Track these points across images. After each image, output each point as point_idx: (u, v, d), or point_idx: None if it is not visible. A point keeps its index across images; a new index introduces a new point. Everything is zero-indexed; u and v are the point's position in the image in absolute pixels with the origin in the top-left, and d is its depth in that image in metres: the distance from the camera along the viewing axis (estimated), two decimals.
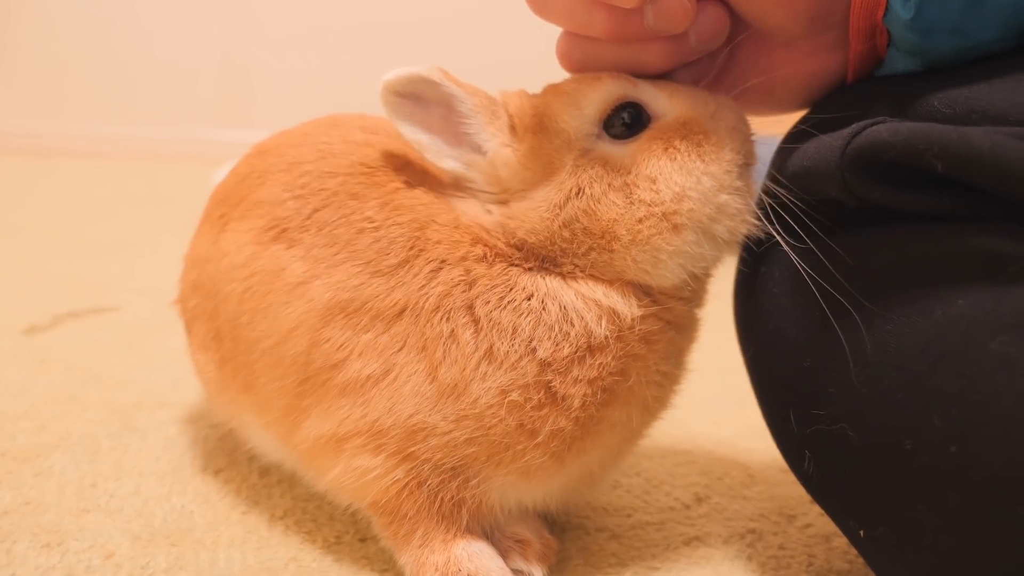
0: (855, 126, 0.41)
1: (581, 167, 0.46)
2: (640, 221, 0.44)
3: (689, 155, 0.45)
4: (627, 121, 0.46)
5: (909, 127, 0.39)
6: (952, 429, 0.35)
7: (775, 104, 0.52)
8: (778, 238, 0.45)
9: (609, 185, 0.45)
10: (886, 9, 0.43)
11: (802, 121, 0.50)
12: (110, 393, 0.78)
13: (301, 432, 0.48)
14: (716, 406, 0.83)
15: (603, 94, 0.46)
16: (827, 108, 0.49)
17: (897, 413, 0.38)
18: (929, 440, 0.36)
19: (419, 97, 0.47)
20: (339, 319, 0.46)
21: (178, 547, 0.52)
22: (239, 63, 2.97)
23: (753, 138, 0.49)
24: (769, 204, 0.46)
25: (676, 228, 0.44)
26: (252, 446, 0.57)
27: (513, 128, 0.47)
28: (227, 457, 0.65)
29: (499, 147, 0.47)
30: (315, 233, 0.48)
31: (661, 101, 0.46)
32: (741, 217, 0.46)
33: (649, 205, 0.44)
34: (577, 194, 0.45)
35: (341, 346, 0.45)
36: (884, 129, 0.39)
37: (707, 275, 0.49)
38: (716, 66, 0.51)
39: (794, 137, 0.49)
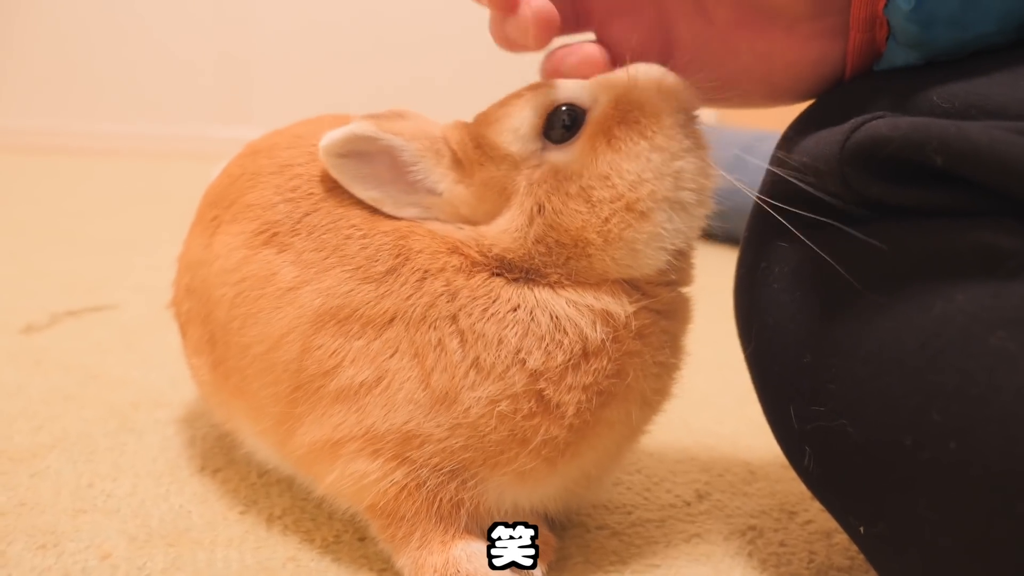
0: (854, 121, 0.41)
1: (535, 184, 0.45)
2: (607, 220, 0.44)
3: (631, 138, 0.44)
4: (566, 123, 0.46)
5: (908, 122, 0.38)
6: (952, 425, 0.35)
7: (775, 94, 0.51)
8: (791, 227, 0.44)
9: (567, 194, 0.45)
10: (887, 0, 0.43)
11: (801, 116, 0.49)
12: (107, 392, 0.78)
13: (296, 439, 0.48)
14: (717, 402, 0.83)
15: (530, 109, 0.46)
16: (826, 103, 0.48)
17: (897, 409, 0.38)
18: (929, 436, 0.36)
19: (362, 153, 0.47)
20: (330, 325, 0.45)
21: (175, 547, 0.52)
22: (238, 59, 2.96)
23: (687, 86, 0.47)
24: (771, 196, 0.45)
25: (644, 214, 0.44)
26: (248, 450, 0.57)
27: (459, 163, 0.47)
28: (225, 456, 0.64)
29: (452, 186, 0.47)
30: (305, 237, 0.48)
31: (586, 91, 0.46)
32: (703, 174, 0.46)
33: (611, 202, 0.44)
34: (539, 212, 0.45)
35: (333, 352, 0.45)
36: (883, 124, 0.39)
37: (690, 247, 0.48)
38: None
39: (793, 132, 0.49)
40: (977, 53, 0.43)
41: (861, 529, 0.42)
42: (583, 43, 0.50)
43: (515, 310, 0.45)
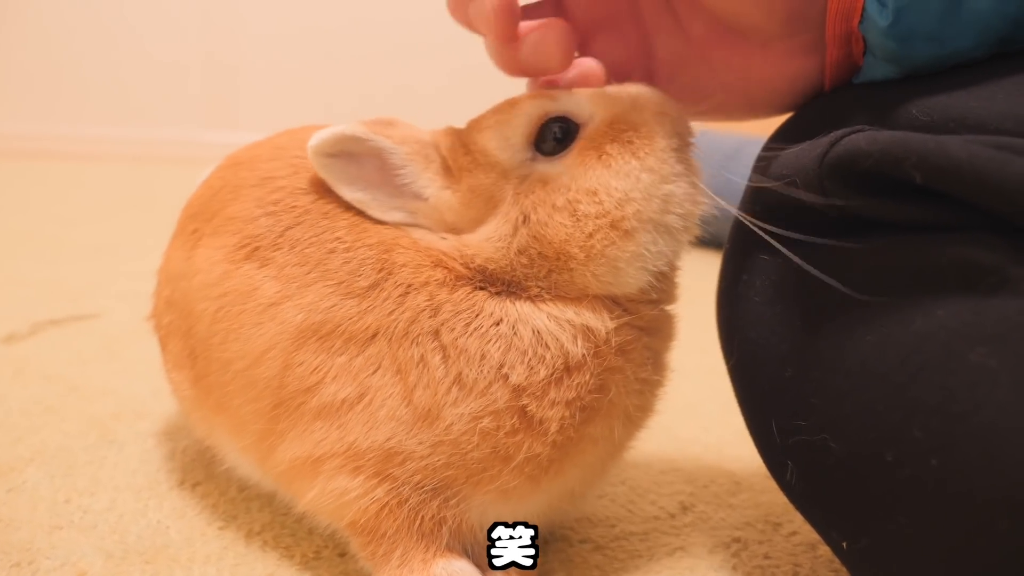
0: (834, 134, 0.41)
1: (522, 194, 0.45)
2: (590, 236, 0.44)
3: (623, 156, 0.44)
4: (558, 136, 0.45)
5: (887, 136, 0.38)
6: (933, 442, 0.35)
7: (754, 108, 0.52)
8: (768, 239, 0.44)
9: (553, 206, 0.44)
10: (862, 16, 0.43)
11: (781, 129, 0.50)
12: (88, 404, 0.77)
13: (277, 455, 0.47)
14: (703, 410, 0.82)
15: (524, 118, 0.46)
16: (805, 116, 0.49)
17: (879, 424, 0.37)
18: (910, 452, 0.36)
19: (351, 154, 0.46)
20: (312, 342, 0.45)
21: (152, 564, 0.51)
22: (225, 64, 2.95)
23: (685, 114, 0.48)
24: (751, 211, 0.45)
25: (628, 233, 0.44)
26: (229, 465, 0.56)
27: (448, 170, 0.47)
28: (205, 470, 0.64)
29: (438, 191, 0.47)
30: (287, 251, 0.47)
31: (584, 105, 0.46)
32: (691, 200, 0.46)
33: (595, 218, 0.44)
34: (524, 222, 0.45)
35: (315, 369, 0.45)
36: (862, 138, 0.39)
37: (673, 269, 0.48)
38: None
39: (773, 144, 0.49)
40: (957, 66, 0.43)
41: (844, 544, 0.42)
42: (583, 58, 0.50)
43: (498, 324, 0.44)
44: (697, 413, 0.82)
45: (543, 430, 0.44)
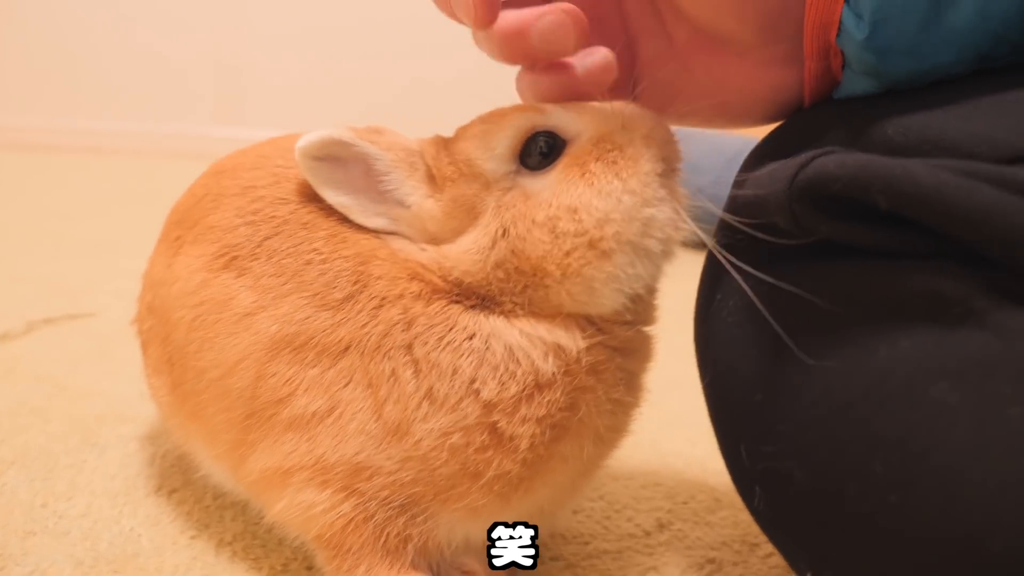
0: (804, 156, 0.40)
1: (504, 207, 0.45)
2: (568, 254, 0.43)
3: (606, 176, 0.44)
4: (543, 150, 0.45)
5: (856, 160, 0.38)
6: (893, 477, 0.34)
7: (733, 118, 0.51)
8: (729, 267, 0.43)
9: (533, 222, 0.44)
10: (839, 29, 0.42)
11: (759, 145, 0.49)
12: (74, 405, 0.77)
13: (248, 465, 0.47)
14: (690, 422, 0.81)
15: (511, 130, 0.45)
16: (783, 131, 0.48)
17: (843, 456, 0.37)
18: (871, 487, 0.35)
19: (337, 158, 0.46)
20: (285, 353, 0.45)
21: (120, 573, 0.51)
22: (234, 58, 2.96)
23: (675, 140, 0.47)
24: (722, 232, 0.45)
25: (605, 254, 0.43)
26: (204, 472, 0.56)
27: (432, 178, 0.47)
28: (182, 476, 0.64)
29: (421, 200, 0.47)
30: (264, 262, 0.47)
31: (572, 122, 0.45)
32: (672, 226, 0.45)
33: (574, 236, 0.43)
34: (503, 235, 0.44)
35: (287, 381, 0.45)
36: (831, 161, 0.38)
37: (651, 292, 0.48)
38: (634, 94, 0.50)
39: (750, 161, 0.48)
40: (938, 82, 0.42)
41: (809, 574, 0.41)
42: (598, 47, 0.47)
43: (471, 338, 0.44)
44: (684, 424, 0.81)
45: (513, 447, 0.44)
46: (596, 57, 0.47)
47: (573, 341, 0.45)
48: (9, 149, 2.74)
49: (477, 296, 0.45)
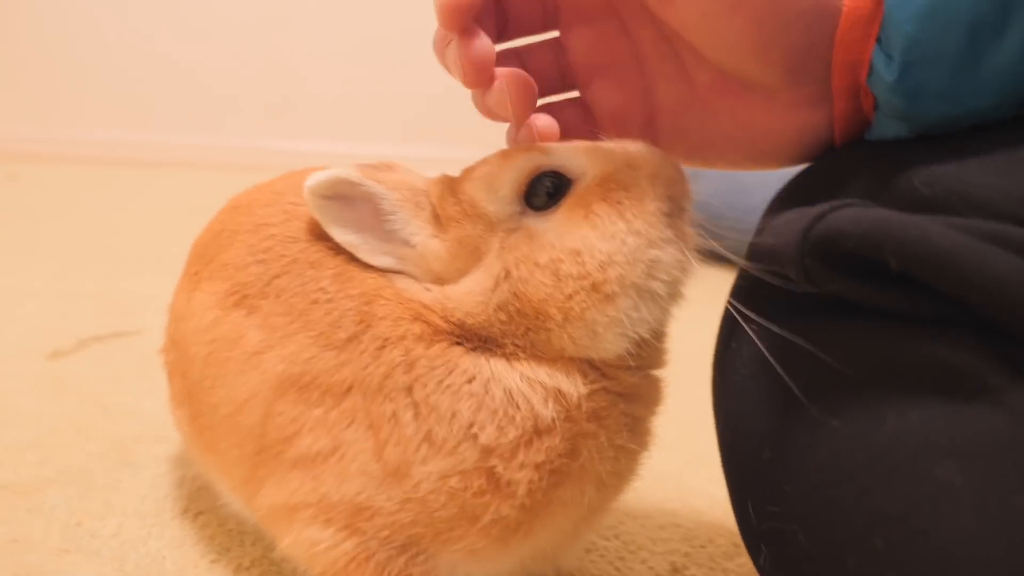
0: (820, 208, 0.39)
1: (507, 248, 0.45)
2: (570, 298, 0.43)
3: (610, 217, 0.43)
4: (550, 191, 0.45)
5: (872, 217, 0.36)
6: (893, 555, 0.32)
7: (758, 159, 0.50)
8: (740, 319, 0.43)
9: (535, 264, 0.44)
10: (870, 70, 0.41)
11: (784, 187, 0.48)
12: (114, 424, 0.81)
13: (258, 499, 0.49)
14: (716, 460, 0.79)
15: (515, 172, 0.45)
16: (807, 175, 0.47)
17: (845, 526, 0.35)
18: (871, 562, 0.34)
19: (345, 197, 0.47)
20: (292, 392, 0.46)
21: None
22: (282, 70, 3.05)
23: (683, 178, 0.47)
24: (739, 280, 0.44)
25: (608, 297, 0.42)
26: (223, 502, 0.58)
27: (437, 218, 0.47)
28: (208, 500, 0.66)
29: (426, 239, 0.47)
30: (273, 300, 0.48)
31: (577, 161, 0.45)
32: (679, 268, 0.44)
33: (576, 279, 0.43)
34: (505, 277, 0.44)
35: (293, 420, 0.46)
36: (846, 217, 0.37)
37: (660, 336, 0.47)
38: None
39: (775, 204, 0.47)
40: (976, 128, 0.40)
41: None
42: (539, 115, 0.49)
43: (471, 381, 0.44)
44: (709, 463, 0.78)
45: (511, 492, 0.43)
46: (526, 130, 0.48)
47: (574, 386, 0.44)
48: (69, 162, 2.88)
49: (479, 338, 0.45)
